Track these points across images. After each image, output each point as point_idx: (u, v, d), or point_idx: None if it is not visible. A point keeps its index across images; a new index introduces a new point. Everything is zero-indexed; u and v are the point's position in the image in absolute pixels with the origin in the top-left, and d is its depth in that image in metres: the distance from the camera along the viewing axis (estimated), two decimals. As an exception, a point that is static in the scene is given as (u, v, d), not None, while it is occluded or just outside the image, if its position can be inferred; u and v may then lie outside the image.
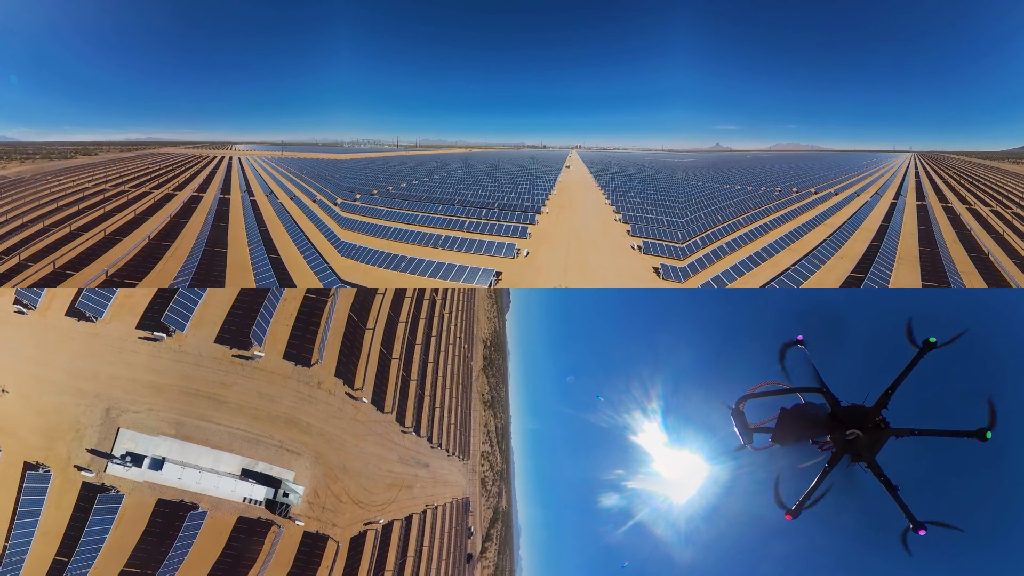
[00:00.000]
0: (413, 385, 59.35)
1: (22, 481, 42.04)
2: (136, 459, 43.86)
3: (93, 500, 42.85)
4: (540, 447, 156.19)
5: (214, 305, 49.56)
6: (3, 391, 42.92)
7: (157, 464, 43.92)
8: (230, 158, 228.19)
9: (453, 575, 79.00)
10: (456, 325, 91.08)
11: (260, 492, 45.01)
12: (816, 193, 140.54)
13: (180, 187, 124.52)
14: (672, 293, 58.74)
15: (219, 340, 48.51)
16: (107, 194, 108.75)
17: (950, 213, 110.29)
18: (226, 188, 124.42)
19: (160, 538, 43.80)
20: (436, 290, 77.60)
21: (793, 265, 61.63)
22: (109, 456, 44.10)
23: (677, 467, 53.82)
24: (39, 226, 75.63)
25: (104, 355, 46.45)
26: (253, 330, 47.86)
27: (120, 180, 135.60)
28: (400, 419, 56.96)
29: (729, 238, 78.89)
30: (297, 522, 45.89)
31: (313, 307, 52.38)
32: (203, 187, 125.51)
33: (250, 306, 49.97)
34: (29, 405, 43.94)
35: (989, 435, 31.10)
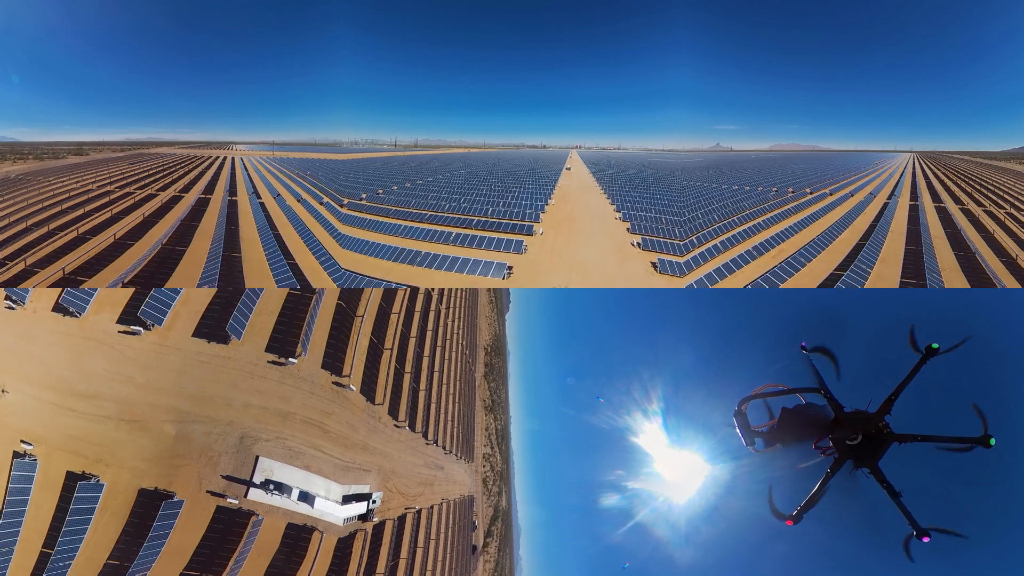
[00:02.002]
0: (434, 407, 70.26)
1: (135, 507, 42.47)
2: (279, 487, 45.53)
3: (225, 523, 44.18)
4: (540, 447, 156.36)
5: (302, 325, 51.04)
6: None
7: (306, 497, 46.43)
8: (224, 159, 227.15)
9: (461, 562, 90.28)
10: (462, 343, 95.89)
11: (358, 509, 50.04)
12: (855, 197, 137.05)
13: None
14: (672, 293, 58.69)
15: (324, 366, 50.38)
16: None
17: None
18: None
19: (289, 556, 46.74)
20: (449, 312, 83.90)
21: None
22: (249, 483, 44.97)
23: (677, 468, 53.83)
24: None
25: (237, 381, 46.66)
26: (347, 361, 50.59)
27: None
28: (425, 434, 66.05)
29: (788, 259, 64.65)
30: (374, 520, 52.72)
31: (375, 351, 56.65)
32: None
33: (340, 330, 52.38)
34: (145, 434, 43.40)
35: (993, 441, 30.99)
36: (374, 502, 51.28)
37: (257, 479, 45.25)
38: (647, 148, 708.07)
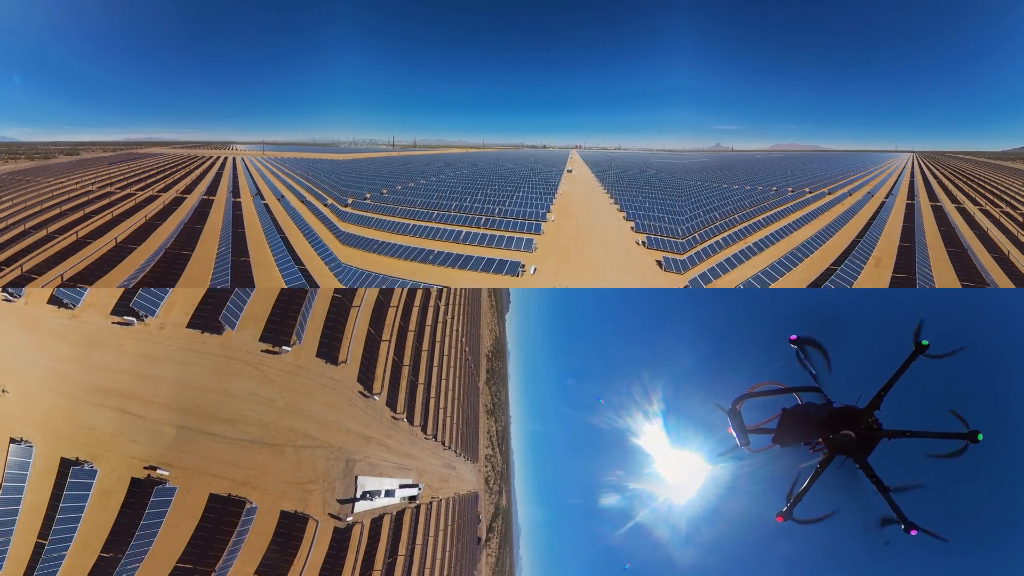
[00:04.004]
0: (450, 419, 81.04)
1: (278, 529, 44.89)
2: (372, 494, 52.57)
3: (339, 539, 48.64)
4: (540, 448, 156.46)
5: (380, 363, 56.95)
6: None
7: (390, 493, 55.18)
8: (220, 160, 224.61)
9: (468, 549, 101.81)
10: (468, 357, 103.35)
11: (411, 492, 59.57)
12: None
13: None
14: (672, 293, 58.74)
15: (388, 404, 57.29)
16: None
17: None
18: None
19: (374, 542, 53.81)
20: (458, 330, 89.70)
21: None
22: (354, 499, 50.15)
23: (678, 468, 53.82)
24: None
25: (343, 407, 49.58)
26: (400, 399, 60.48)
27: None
28: (443, 442, 76.42)
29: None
30: (417, 501, 63.60)
31: (413, 386, 65.38)
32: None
33: (397, 373, 60.29)
34: (284, 458, 44.86)
35: (981, 436, 31.16)
36: (420, 489, 61.76)
37: (358, 494, 51.07)
38: (647, 148, 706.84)
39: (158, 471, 41.95)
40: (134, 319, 43.80)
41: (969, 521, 37.60)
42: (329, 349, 49.67)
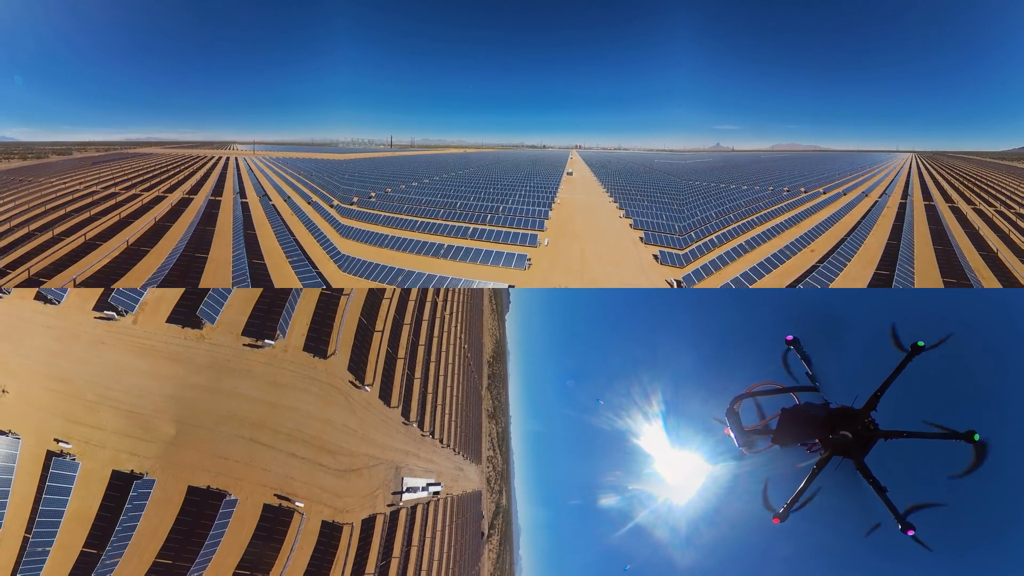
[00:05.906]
0: (458, 428, 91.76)
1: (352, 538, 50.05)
2: (415, 489, 63.00)
3: (390, 526, 57.42)
4: (540, 449, 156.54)
5: (415, 398, 65.56)
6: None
7: (425, 489, 65.78)
8: (217, 162, 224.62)
9: (472, 543, 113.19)
10: (471, 365, 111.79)
11: (437, 488, 69.80)
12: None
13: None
14: (673, 293, 58.75)
15: (418, 425, 66.30)
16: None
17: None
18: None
19: (410, 522, 64.02)
20: (466, 347, 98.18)
21: None
22: (402, 493, 59.68)
23: (678, 468, 53.66)
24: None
25: (393, 435, 57.85)
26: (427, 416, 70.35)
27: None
28: (453, 448, 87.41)
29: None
30: (439, 496, 75.32)
31: (433, 402, 75.66)
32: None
33: (424, 396, 69.66)
34: (363, 481, 50.42)
35: (977, 437, 31.15)
36: (442, 486, 72.98)
37: (404, 489, 61.32)
38: (647, 148, 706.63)
39: (295, 503, 43.20)
40: (272, 341, 42.89)
41: (969, 521, 37.48)
42: (386, 393, 57.28)
